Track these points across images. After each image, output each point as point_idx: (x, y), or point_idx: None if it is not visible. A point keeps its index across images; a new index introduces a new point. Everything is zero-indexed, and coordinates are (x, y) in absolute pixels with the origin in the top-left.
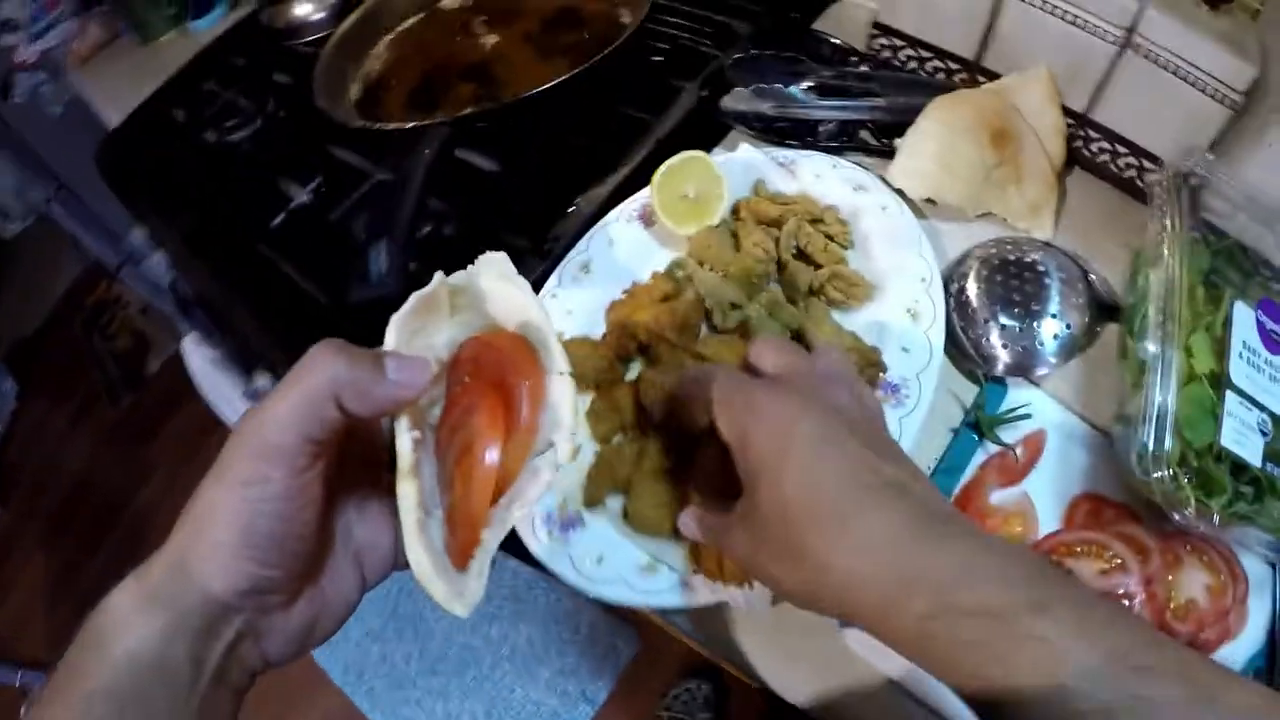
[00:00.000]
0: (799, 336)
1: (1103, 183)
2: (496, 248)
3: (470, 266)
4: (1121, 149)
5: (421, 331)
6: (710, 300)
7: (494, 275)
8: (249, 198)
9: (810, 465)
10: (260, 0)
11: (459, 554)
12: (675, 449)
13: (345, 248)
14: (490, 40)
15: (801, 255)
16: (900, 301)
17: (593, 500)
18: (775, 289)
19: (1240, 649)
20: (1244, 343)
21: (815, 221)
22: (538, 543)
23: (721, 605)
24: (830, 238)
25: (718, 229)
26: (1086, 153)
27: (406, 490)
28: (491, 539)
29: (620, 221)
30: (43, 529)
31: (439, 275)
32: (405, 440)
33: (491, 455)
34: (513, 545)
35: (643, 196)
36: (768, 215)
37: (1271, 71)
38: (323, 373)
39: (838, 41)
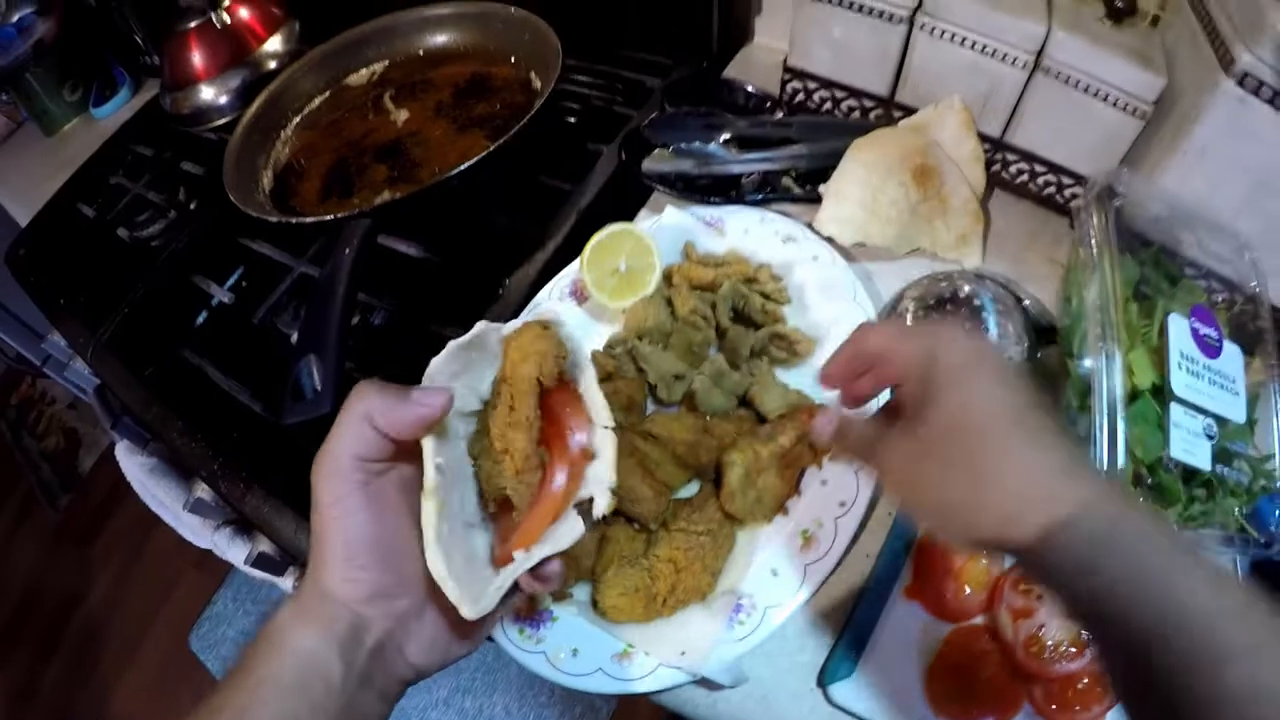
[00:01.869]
0: (747, 403)
1: (1024, 202)
2: (426, 338)
3: (521, 316)
4: (1040, 168)
5: (464, 373)
6: (653, 375)
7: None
8: (167, 298)
9: (995, 389)
10: (161, 86)
11: (500, 564)
12: (637, 532)
13: (272, 352)
14: (401, 116)
15: (739, 317)
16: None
17: (559, 594)
18: (717, 356)
19: None
20: (1181, 353)
21: (750, 281)
22: (509, 642)
23: None
24: (766, 296)
25: (652, 299)
26: (1005, 175)
27: (428, 506)
28: (522, 564)
29: (552, 300)
30: None
31: (483, 322)
32: (430, 465)
33: (560, 478)
34: None
35: (572, 272)
36: (701, 279)
37: (1178, 78)
38: (360, 402)
39: (750, 88)
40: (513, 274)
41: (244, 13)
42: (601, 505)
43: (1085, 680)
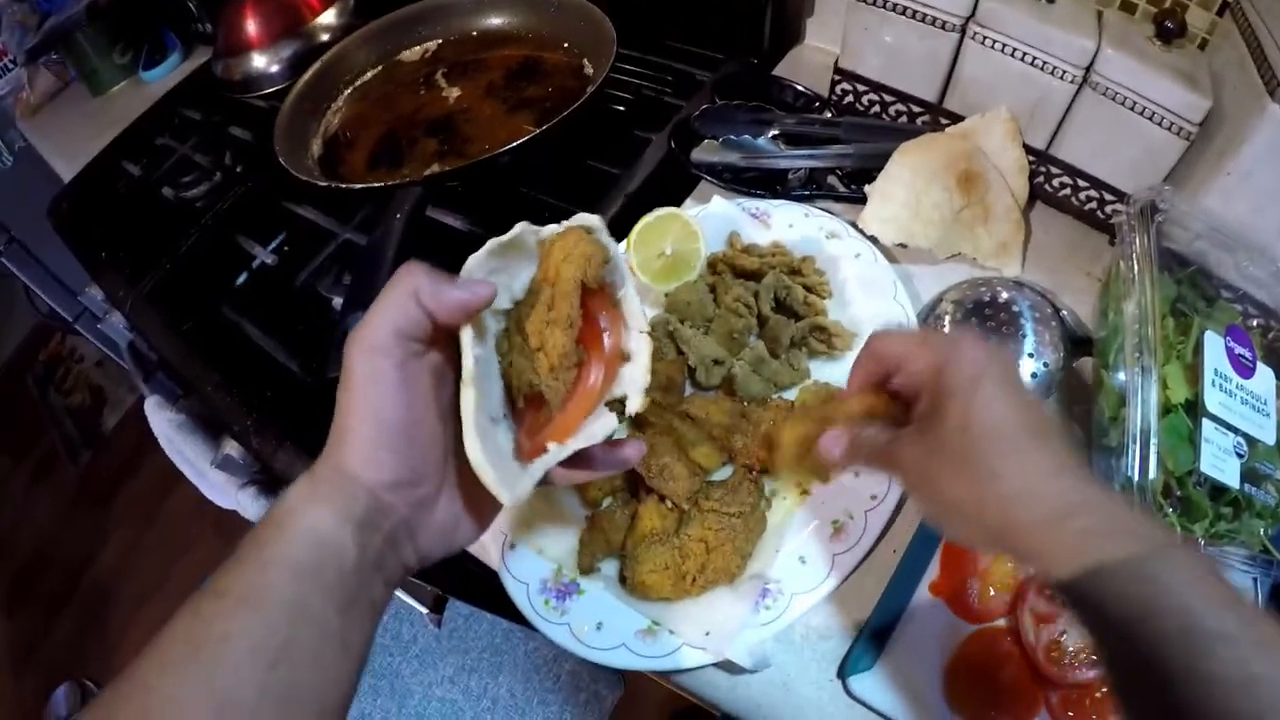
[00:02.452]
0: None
1: (1065, 215)
2: None
3: (563, 222)
4: (1082, 183)
5: (501, 271)
6: (694, 358)
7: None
8: (209, 257)
9: (999, 395)
10: (213, 52)
11: (527, 457)
12: (669, 510)
13: (313, 313)
14: (453, 94)
15: (781, 307)
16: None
17: (587, 567)
18: (757, 344)
19: None
20: (1216, 370)
21: (794, 273)
22: (535, 613)
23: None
24: (809, 289)
25: (696, 284)
26: (1048, 188)
27: (468, 395)
28: (554, 455)
29: None
30: (3, 597)
31: (524, 223)
32: (469, 355)
33: (595, 376)
34: (491, 602)
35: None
36: (746, 268)
37: (1224, 101)
38: (407, 279)
39: (800, 87)
40: None
41: None
42: (635, 404)
43: (1104, 689)
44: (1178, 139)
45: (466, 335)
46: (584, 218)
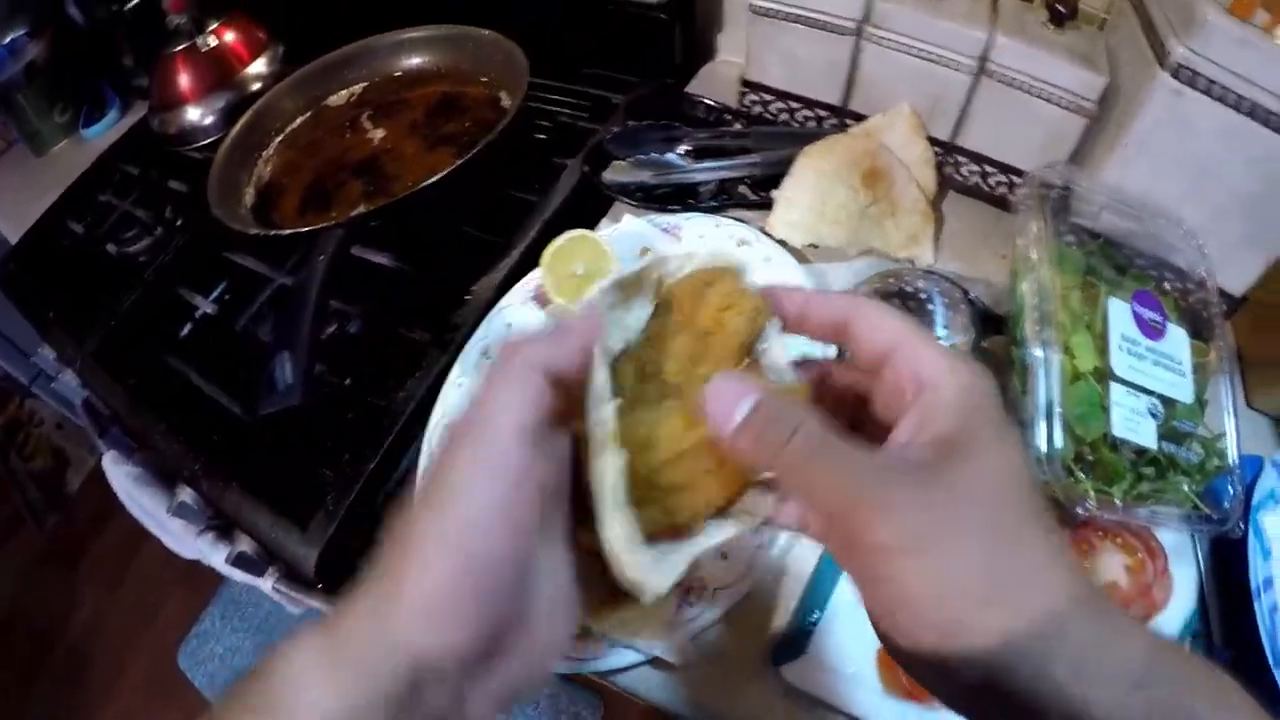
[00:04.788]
0: None
1: (977, 202)
2: (399, 343)
3: (695, 257)
4: (990, 169)
5: (618, 307)
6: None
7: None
8: (154, 310)
9: (1026, 457)
10: (149, 107)
11: (665, 538)
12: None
13: (253, 356)
14: (377, 135)
15: None
16: (791, 352)
17: None
18: None
19: (1172, 618)
20: (1122, 335)
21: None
22: None
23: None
24: None
25: None
26: (958, 176)
27: (609, 461)
28: (710, 538)
29: (516, 304)
30: None
31: (654, 255)
32: (607, 405)
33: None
34: None
35: (536, 278)
36: None
37: (1120, 76)
38: (514, 354)
39: (710, 102)
40: (479, 281)
41: (230, 36)
42: None
43: None
44: (1078, 117)
45: (600, 376)
46: (724, 257)
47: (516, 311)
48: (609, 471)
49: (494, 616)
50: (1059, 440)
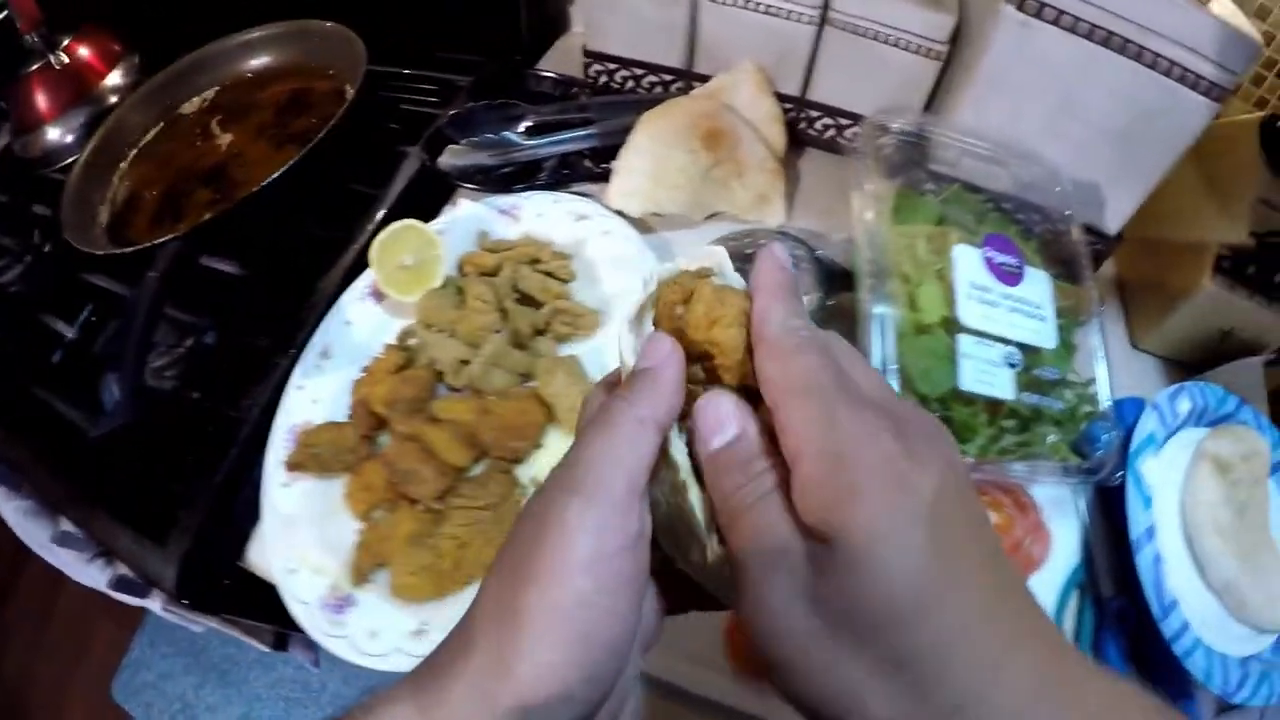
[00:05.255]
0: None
1: (833, 156)
2: (246, 352)
3: (674, 263)
4: (844, 121)
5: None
6: (439, 361)
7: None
8: (23, 341)
9: (933, 544)
10: (10, 130)
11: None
12: (423, 513)
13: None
14: (226, 140)
15: (526, 299)
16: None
17: (360, 577)
18: (496, 337)
19: (1053, 574)
20: (971, 283)
21: (535, 261)
22: (318, 630)
23: None
24: (550, 274)
25: (442, 290)
26: (812, 131)
27: (695, 492)
28: None
29: (353, 301)
30: None
31: (658, 266)
32: (680, 441)
33: None
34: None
35: (371, 273)
36: (486, 266)
37: (970, 14)
38: (628, 407)
39: (555, 76)
40: (322, 280)
41: (83, 51)
42: None
43: None
44: (930, 61)
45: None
46: (707, 255)
47: (354, 309)
48: (697, 503)
49: (605, 688)
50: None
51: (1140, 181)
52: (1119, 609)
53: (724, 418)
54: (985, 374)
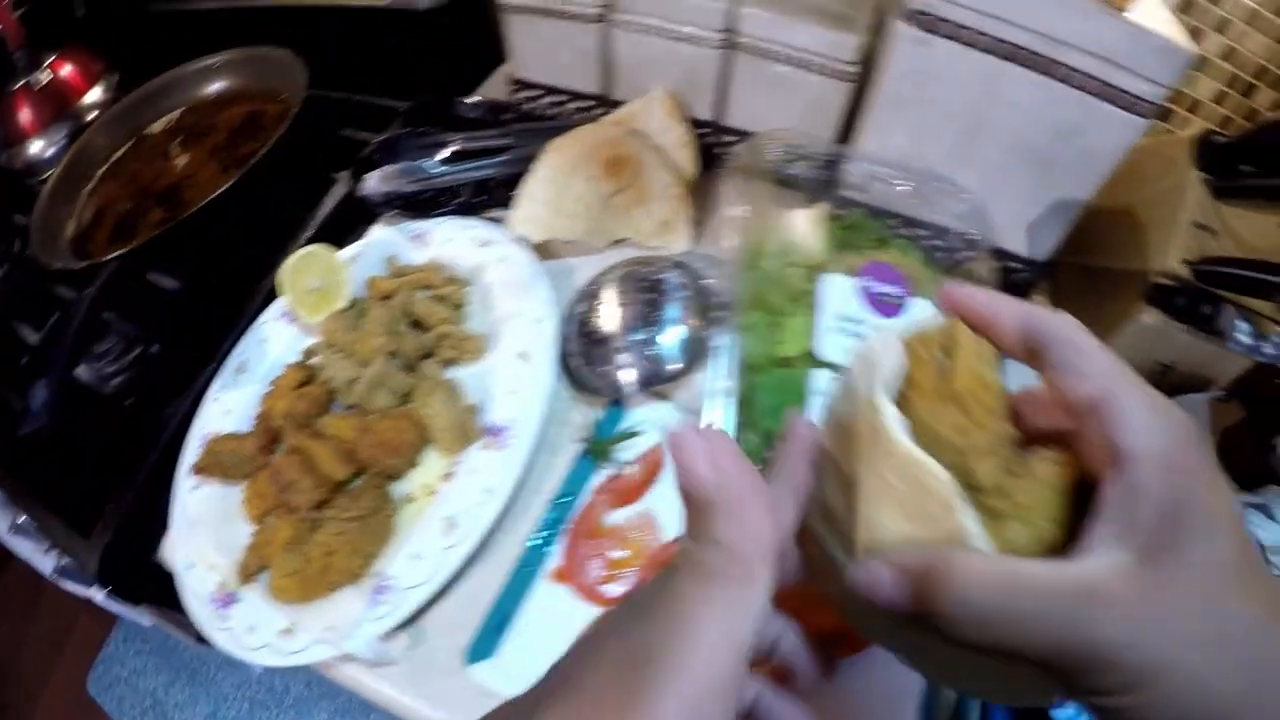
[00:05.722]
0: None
1: (752, 181)
2: (179, 364)
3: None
4: None
5: None
6: (334, 380)
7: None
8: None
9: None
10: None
11: None
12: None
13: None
14: (182, 161)
15: (418, 323)
16: (513, 347)
17: (246, 577)
18: (381, 359)
19: None
20: (836, 314)
21: (428, 287)
22: (205, 623)
23: None
24: (442, 299)
25: (345, 312)
26: (727, 156)
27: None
28: None
29: (271, 320)
30: None
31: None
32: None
33: None
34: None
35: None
36: (385, 290)
37: (880, 34)
38: (759, 539)
39: (485, 103)
40: (251, 301)
41: (66, 69)
42: None
43: None
44: (838, 82)
45: None
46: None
47: (271, 326)
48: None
49: None
50: (733, 432)
51: (1064, 205)
52: None
53: None
54: None
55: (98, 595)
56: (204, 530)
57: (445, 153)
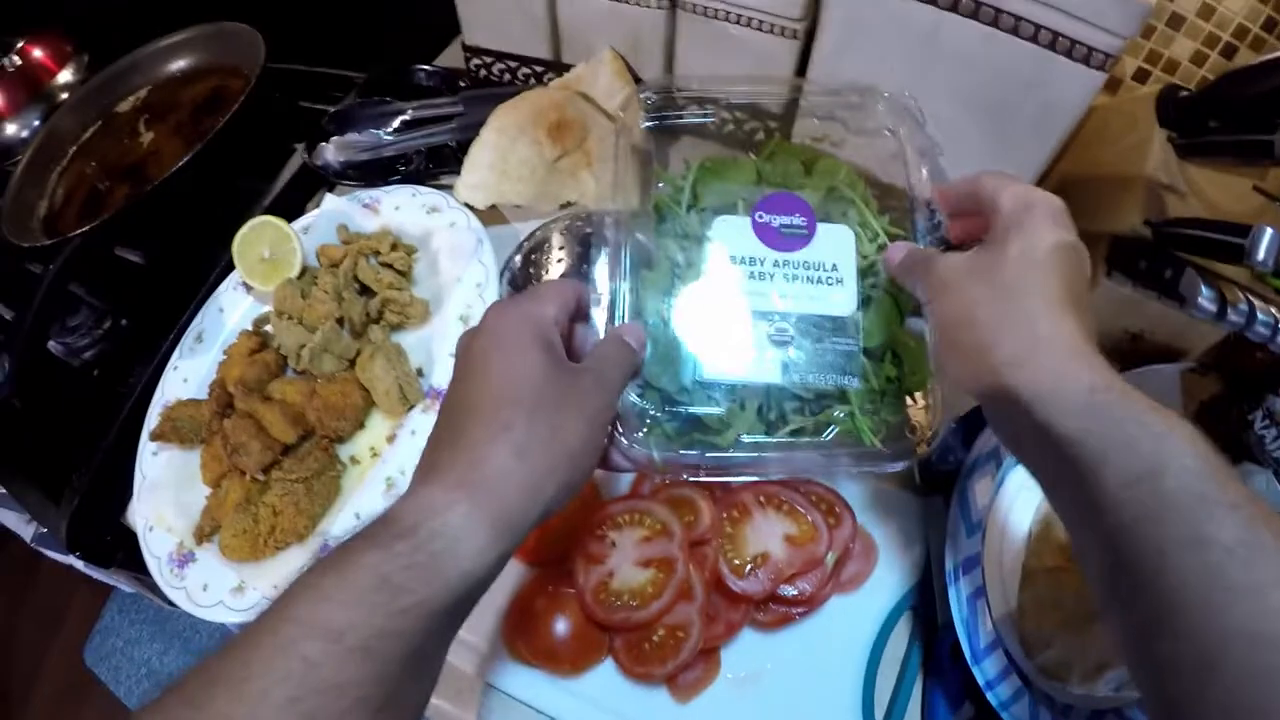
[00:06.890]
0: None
1: (707, 141)
2: (143, 335)
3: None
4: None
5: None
6: (285, 346)
7: None
8: None
9: (1073, 258)
10: None
11: None
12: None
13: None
14: (148, 138)
15: (365, 289)
16: (455, 311)
17: (201, 537)
18: (328, 324)
19: (878, 595)
20: (732, 257)
21: (375, 253)
22: (163, 581)
23: None
24: (388, 265)
25: (298, 280)
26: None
27: None
28: None
29: (227, 290)
30: None
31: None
32: None
33: None
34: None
35: None
36: (334, 257)
37: None
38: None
39: (439, 72)
40: (212, 272)
41: (37, 52)
42: None
43: (660, 633)
44: (787, 40)
45: None
46: None
47: (228, 296)
48: None
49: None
50: (631, 396)
51: (1025, 164)
52: (948, 647)
53: (902, 246)
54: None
55: (78, 562)
56: (164, 493)
57: (397, 122)
